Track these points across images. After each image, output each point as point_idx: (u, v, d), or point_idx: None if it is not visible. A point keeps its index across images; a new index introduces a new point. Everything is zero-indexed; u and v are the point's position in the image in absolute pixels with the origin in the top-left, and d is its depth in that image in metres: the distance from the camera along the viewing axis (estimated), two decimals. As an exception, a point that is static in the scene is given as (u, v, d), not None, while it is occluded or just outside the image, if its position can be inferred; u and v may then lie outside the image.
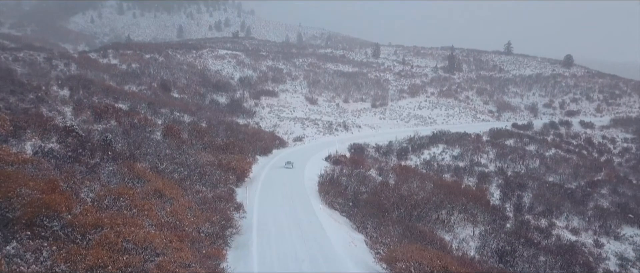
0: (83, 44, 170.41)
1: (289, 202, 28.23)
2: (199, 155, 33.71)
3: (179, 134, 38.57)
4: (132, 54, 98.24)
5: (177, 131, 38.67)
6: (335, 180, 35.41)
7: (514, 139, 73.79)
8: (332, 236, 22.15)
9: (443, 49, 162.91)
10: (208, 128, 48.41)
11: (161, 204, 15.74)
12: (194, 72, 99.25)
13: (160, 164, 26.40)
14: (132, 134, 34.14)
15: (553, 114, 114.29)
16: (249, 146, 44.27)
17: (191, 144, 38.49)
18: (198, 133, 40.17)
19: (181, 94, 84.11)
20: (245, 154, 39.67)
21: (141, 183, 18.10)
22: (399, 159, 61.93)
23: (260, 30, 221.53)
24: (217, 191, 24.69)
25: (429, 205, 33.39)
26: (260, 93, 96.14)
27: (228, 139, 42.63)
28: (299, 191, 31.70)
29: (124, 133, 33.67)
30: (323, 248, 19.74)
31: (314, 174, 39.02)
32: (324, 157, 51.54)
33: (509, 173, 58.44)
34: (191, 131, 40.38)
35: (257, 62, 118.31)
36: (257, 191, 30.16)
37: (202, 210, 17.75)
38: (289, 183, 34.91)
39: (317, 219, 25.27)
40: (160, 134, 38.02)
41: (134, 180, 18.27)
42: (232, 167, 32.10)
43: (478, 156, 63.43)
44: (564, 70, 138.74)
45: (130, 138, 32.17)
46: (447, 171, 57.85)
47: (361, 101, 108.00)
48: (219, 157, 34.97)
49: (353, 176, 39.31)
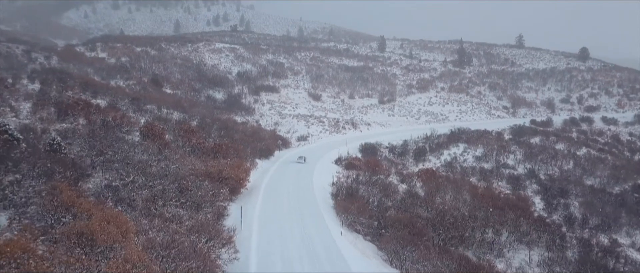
0: (75, 39, 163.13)
1: (298, 224, 21.53)
2: (184, 161, 27.02)
3: (161, 134, 31.82)
4: (122, 47, 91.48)
5: (160, 131, 31.92)
6: (352, 191, 28.68)
7: (539, 137, 66.99)
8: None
9: (451, 42, 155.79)
10: (199, 127, 41.67)
11: (87, 261, 9.14)
12: (189, 66, 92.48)
13: (126, 177, 19.67)
14: (100, 135, 27.40)
15: (571, 110, 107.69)
16: (246, 148, 37.53)
17: (177, 147, 31.80)
18: (185, 134, 33.44)
19: (174, 90, 77.50)
20: (243, 158, 32.95)
21: (69, 217, 11.53)
22: (416, 160, 55.24)
23: (260, 25, 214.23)
24: (200, 216, 17.97)
25: (471, 222, 26.71)
26: (260, 89, 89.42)
27: (222, 140, 35.92)
28: (310, 207, 24.99)
29: (90, 135, 26.94)
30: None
31: (325, 182, 32.30)
32: (334, 160, 44.82)
33: (541, 175, 51.80)
34: (178, 131, 33.64)
35: (257, 56, 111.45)
36: (257, 209, 23.42)
37: (164, 259, 11.06)
38: (296, 194, 28.22)
39: (338, 249, 18.61)
40: (139, 135, 31.32)
41: (57, 211, 11.61)
42: (225, 176, 25.37)
43: (504, 156, 56.73)
44: (580, 63, 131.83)
45: (95, 141, 25.47)
46: (471, 174, 51.21)
47: (368, 97, 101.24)
48: (209, 163, 28.25)
49: (372, 184, 32.64)
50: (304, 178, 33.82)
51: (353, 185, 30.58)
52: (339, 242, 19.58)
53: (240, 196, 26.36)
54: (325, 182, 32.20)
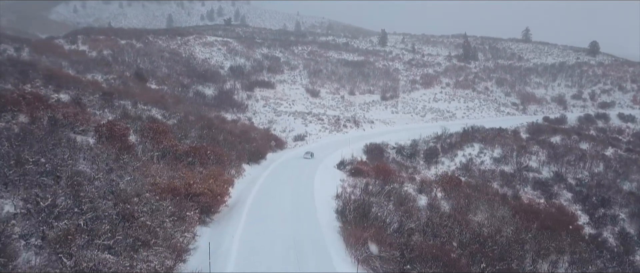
0: (63, 34, 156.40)
1: (293, 266, 15.23)
2: (146, 171, 20.75)
3: (123, 136, 25.56)
4: (105, 40, 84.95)
5: (122, 132, 25.65)
6: (364, 208, 22.43)
7: (560, 136, 60.91)
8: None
9: (454, 36, 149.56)
10: (179, 127, 35.35)
11: None
12: (177, 60, 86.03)
13: (42, 199, 13.41)
14: (38, 136, 21.08)
15: (584, 107, 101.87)
16: (232, 150, 31.22)
17: (143, 151, 25.53)
18: (156, 134, 27.13)
19: (160, 85, 71.11)
20: (225, 165, 26.68)
21: None
22: (428, 163, 49.09)
23: (255, 19, 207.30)
24: (139, 265, 11.73)
25: (517, 249, 20.53)
26: (254, 84, 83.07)
27: (202, 141, 29.62)
28: (310, 234, 18.70)
29: (21, 136, 20.62)
30: None
31: (327, 194, 26.08)
32: (336, 164, 38.57)
33: (569, 179, 45.75)
34: (146, 132, 27.32)
35: (251, 49, 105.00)
36: (236, 240, 17.05)
37: None
38: (291, 213, 21.99)
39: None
40: (94, 136, 25.06)
41: None
42: (195, 192, 19.10)
43: (525, 157, 50.63)
44: (590, 58, 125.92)
45: (24, 145, 19.14)
46: (492, 179, 45.12)
47: (369, 93, 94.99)
48: (180, 173, 21.97)
49: (384, 195, 26.45)
50: (302, 188, 27.57)
51: (363, 199, 24.32)
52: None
53: (216, 218, 20.10)
54: (327, 194, 25.96)
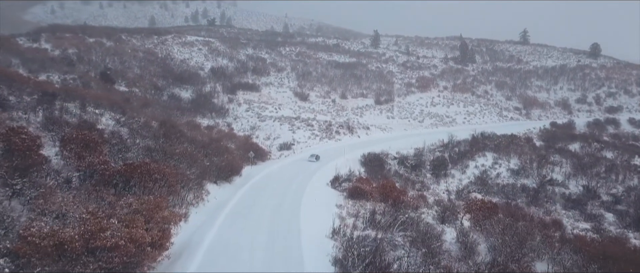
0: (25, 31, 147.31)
1: None
2: (43, 205, 13.14)
3: (31, 148, 17.95)
4: (72, 38, 76.81)
5: (29, 144, 18.02)
6: (374, 258, 15.02)
7: (578, 143, 54.29)
8: None
9: (449, 38, 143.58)
10: (130, 135, 27.66)
11: None
12: (152, 60, 78.15)
13: None
14: None
15: (590, 111, 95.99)
16: (193, 166, 23.59)
17: (58, 169, 17.92)
18: (82, 147, 19.49)
19: (131, 87, 63.27)
20: (177, 188, 19.11)
21: None
22: (436, 176, 41.90)
23: (242, 21, 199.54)
24: None
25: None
26: (236, 87, 75.53)
27: (149, 156, 21.99)
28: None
29: None
30: None
31: (319, 229, 18.64)
32: (329, 180, 31.11)
33: (603, 194, 38.92)
34: (68, 143, 19.66)
35: (235, 50, 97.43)
36: None
37: None
38: (266, 266, 14.43)
39: None
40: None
41: None
42: (107, 245, 11.60)
43: (547, 169, 43.73)
44: (591, 61, 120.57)
45: None
46: (513, 195, 38.12)
47: (362, 97, 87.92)
48: (97, 207, 14.38)
49: (398, 228, 19.13)
50: (284, 219, 20.03)
51: (370, 239, 16.90)
52: None
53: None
54: (320, 229, 18.51)
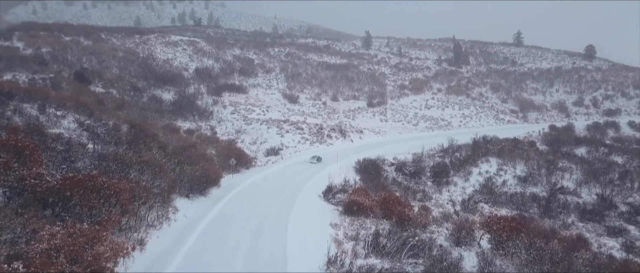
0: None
1: None
2: None
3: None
4: (47, 36, 72.30)
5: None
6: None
7: (584, 147, 51.20)
8: None
9: (441, 40, 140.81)
10: (90, 139, 23.63)
11: None
12: (132, 60, 73.90)
13: None
14: None
15: (588, 114, 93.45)
16: (159, 177, 19.61)
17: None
18: (20, 153, 15.53)
19: (108, 88, 59.01)
20: (135, 208, 15.23)
21: None
22: (437, 184, 38.35)
23: (230, 23, 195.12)
24: None
25: None
26: (222, 88, 71.52)
27: (103, 166, 18.04)
28: None
29: None
30: None
31: (309, 257, 14.86)
32: (321, 191, 27.33)
33: (619, 204, 35.68)
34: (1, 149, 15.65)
35: (221, 50, 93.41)
36: None
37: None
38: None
39: None
40: None
41: None
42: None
43: (556, 176, 40.43)
44: (586, 63, 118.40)
45: None
46: (523, 205, 34.68)
47: (354, 99, 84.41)
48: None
49: (406, 255, 15.43)
50: (267, 246, 16.12)
51: (376, 271, 13.18)
52: None
53: None
54: (312, 260, 14.70)
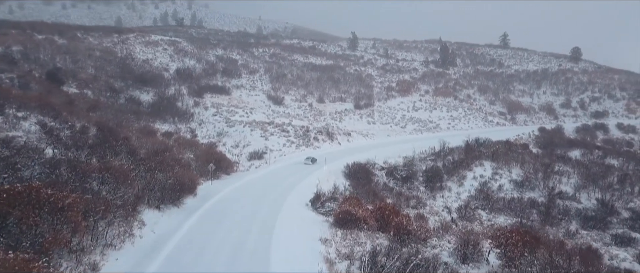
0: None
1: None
2: None
3: None
4: (18, 34, 68.59)
5: None
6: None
7: (578, 150, 49.78)
8: None
9: (428, 41, 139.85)
10: (52, 142, 20.89)
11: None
12: (109, 60, 70.58)
13: None
14: None
15: (575, 116, 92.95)
16: (121, 187, 16.96)
17: None
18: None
19: (82, 89, 55.85)
20: (90, 225, 12.67)
21: None
22: (430, 189, 36.26)
23: (214, 23, 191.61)
24: None
25: None
26: (204, 89, 68.70)
27: (53, 175, 15.34)
28: None
29: None
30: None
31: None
32: (309, 199, 24.96)
33: (621, 210, 34.01)
34: None
35: (204, 50, 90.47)
36: None
37: None
38: None
39: None
40: None
41: None
42: None
43: (553, 180, 38.70)
44: (572, 65, 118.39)
45: None
46: (521, 212, 32.77)
47: (341, 101, 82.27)
48: None
49: None
50: (248, 270, 13.80)
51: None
52: None
53: None
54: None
